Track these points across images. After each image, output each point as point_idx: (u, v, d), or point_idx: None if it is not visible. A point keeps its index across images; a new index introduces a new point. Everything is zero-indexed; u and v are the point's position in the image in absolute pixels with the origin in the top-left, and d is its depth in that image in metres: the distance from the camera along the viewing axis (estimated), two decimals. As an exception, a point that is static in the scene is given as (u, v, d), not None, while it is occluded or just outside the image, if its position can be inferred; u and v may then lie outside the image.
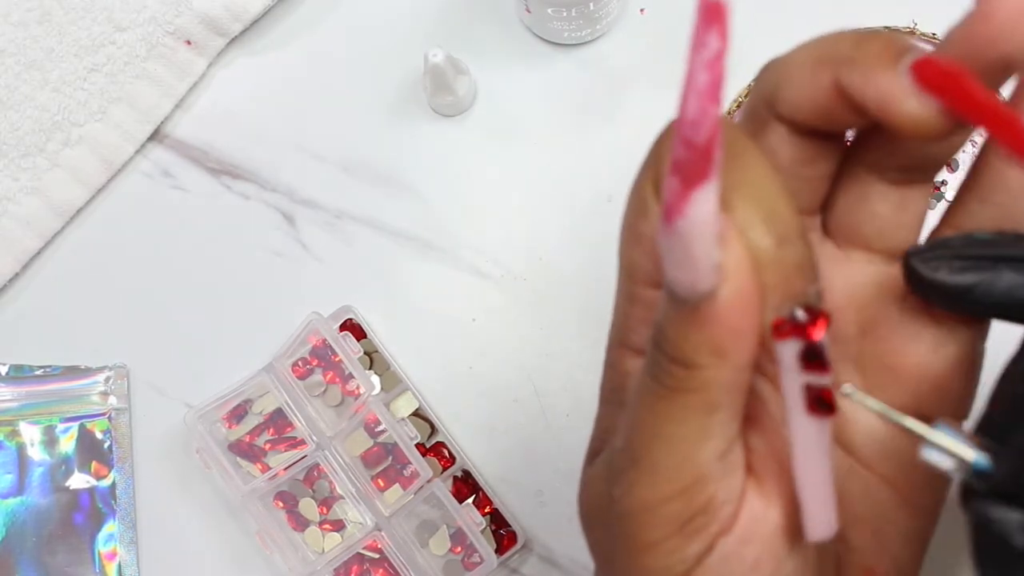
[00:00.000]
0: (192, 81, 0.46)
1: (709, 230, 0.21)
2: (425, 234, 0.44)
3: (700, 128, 0.20)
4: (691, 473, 0.24)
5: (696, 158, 0.21)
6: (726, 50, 0.20)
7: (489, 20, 0.46)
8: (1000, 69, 0.22)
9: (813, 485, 0.24)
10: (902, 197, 0.25)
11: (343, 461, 0.41)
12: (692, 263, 0.21)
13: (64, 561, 0.42)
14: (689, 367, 0.23)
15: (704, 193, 0.21)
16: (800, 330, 0.22)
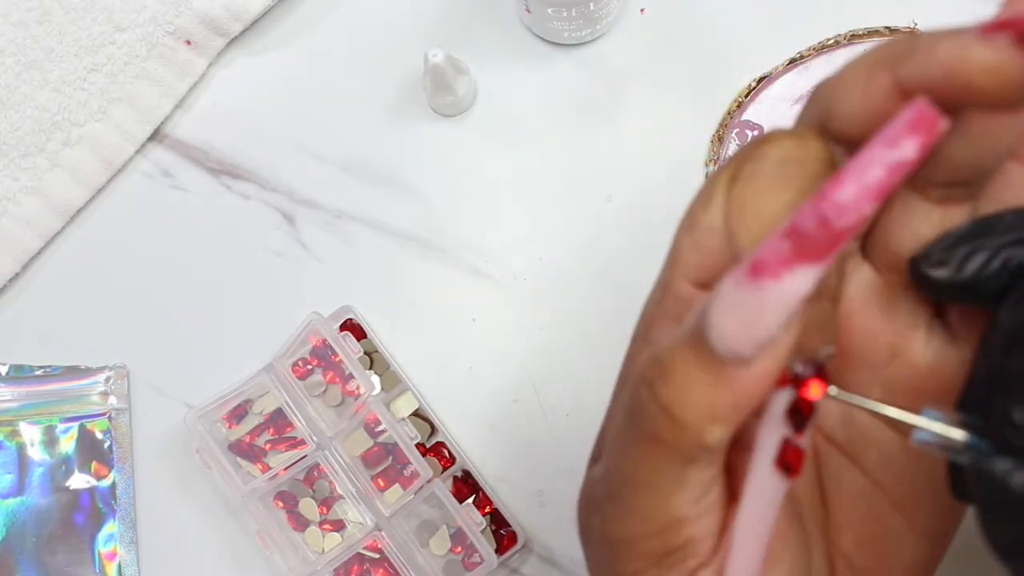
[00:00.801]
0: (192, 81, 0.46)
1: (792, 306, 0.20)
2: (425, 234, 0.44)
3: (845, 216, 0.19)
4: (667, 517, 0.23)
5: (824, 238, 0.20)
6: (915, 164, 0.19)
7: (489, 20, 0.46)
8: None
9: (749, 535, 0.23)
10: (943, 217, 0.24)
11: (343, 461, 0.41)
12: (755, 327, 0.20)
13: (64, 561, 0.42)
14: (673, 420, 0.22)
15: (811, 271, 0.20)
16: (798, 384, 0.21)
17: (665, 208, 0.27)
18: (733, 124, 0.44)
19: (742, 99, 0.44)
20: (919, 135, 0.19)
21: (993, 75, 0.20)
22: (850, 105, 0.22)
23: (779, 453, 0.22)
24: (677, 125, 0.44)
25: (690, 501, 0.23)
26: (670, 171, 0.44)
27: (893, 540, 0.26)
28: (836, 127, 0.23)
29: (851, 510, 0.27)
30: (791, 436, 0.22)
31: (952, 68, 0.20)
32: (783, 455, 0.22)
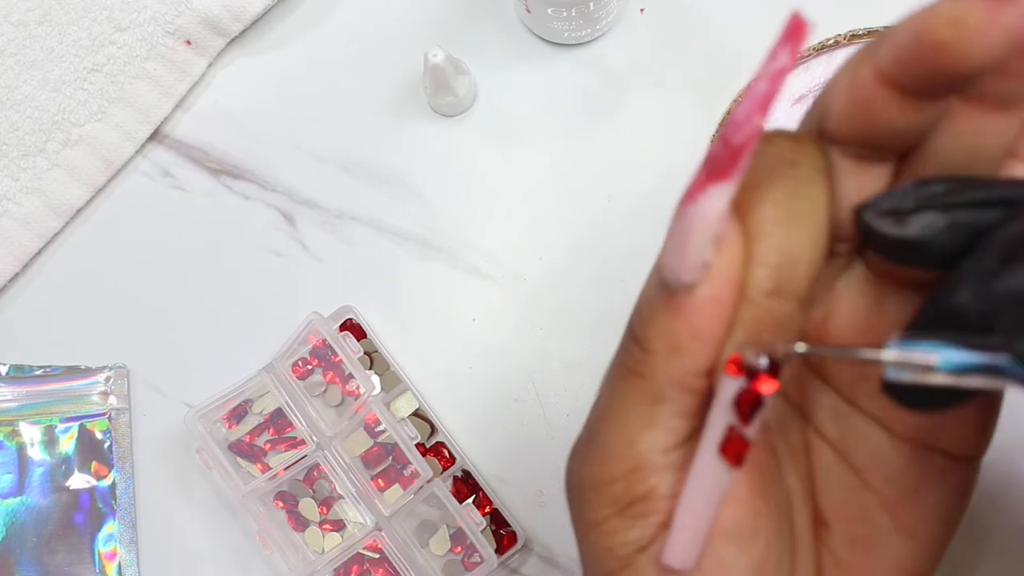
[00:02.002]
0: (192, 81, 0.46)
1: (710, 227, 0.22)
2: (425, 234, 0.44)
3: (740, 131, 0.21)
4: (633, 457, 0.24)
5: (726, 156, 0.21)
6: (791, 69, 0.20)
7: (489, 20, 0.46)
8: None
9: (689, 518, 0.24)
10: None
11: (343, 461, 0.41)
12: (684, 251, 0.22)
13: (64, 561, 0.42)
14: (645, 351, 0.23)
15: (719, 190, 0.21)
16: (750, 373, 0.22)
17: (665, 208, 0.27)
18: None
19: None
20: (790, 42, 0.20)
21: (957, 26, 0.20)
22: (839, 103, 0.23)
23: (723, 440, 0.23)
24: (677, 125, 0.44)
25: (657, 446, 0.24)
26: (670, 171, 0.44)
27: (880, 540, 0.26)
28: (830, 127, 0.23)
29: (840, 507, 0.27)
30: (737, 425, 0.22)
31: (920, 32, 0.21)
32: (727, 442, 0.23)
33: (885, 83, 0.22)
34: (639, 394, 0.24)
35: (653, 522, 0.24)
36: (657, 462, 0.24)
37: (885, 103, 0.22)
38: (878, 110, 0.22)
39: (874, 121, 0.23)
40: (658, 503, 0.24)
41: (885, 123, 0.23)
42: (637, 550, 0.24)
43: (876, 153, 0.24)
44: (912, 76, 0.21)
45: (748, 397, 0.22)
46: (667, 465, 0.24)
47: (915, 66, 0.21)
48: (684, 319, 0.23)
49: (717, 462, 0.23)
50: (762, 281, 0.22)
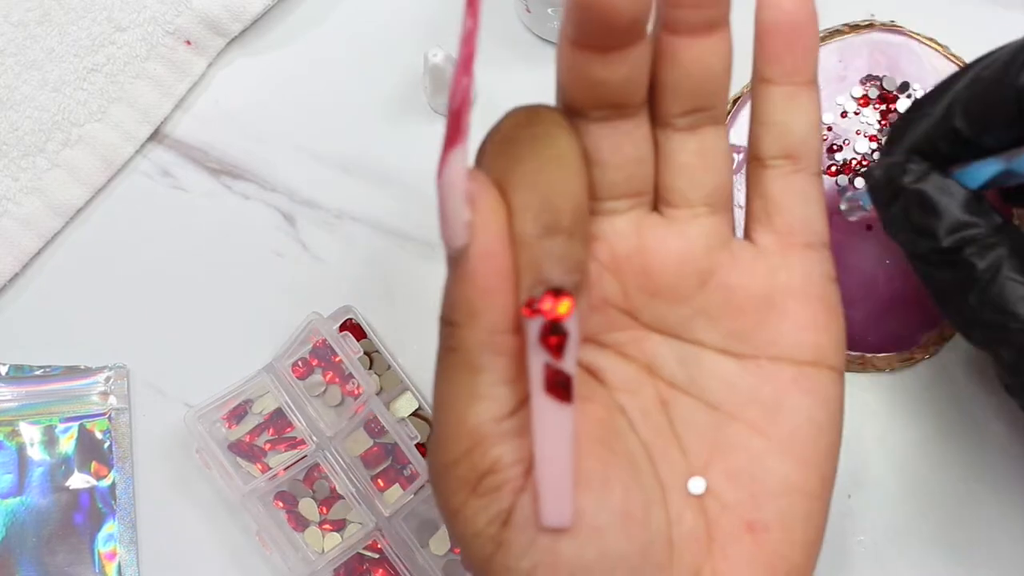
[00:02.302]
0: (192, 81, 0.46)
1: (459, 188, 0.23)
2: (425, 234, 0.45)
3: (455, 97, 0.23)
4: (467, 433, 0.25)
5: (451, 123, 0.23)
6: (475, 30, 0.23)
7: (489, 20, 0.46)
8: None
9: (550, 470, 0.24)
10: (700, 143, 0.27)
11: (343, 461, 0.41)
12: (445, 217, 0.24)
13: (64, 561, 0.42)
14: (451, 324, 0.25)
15: (454, 155, 0.23)
16: (541, 309, 0.23)
17: (666, 208, 0.28)
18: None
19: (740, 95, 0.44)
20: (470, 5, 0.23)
21: None
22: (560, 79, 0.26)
23: (545, 380, 0.23)
24: (677, 125, 0.44)
25: (487, 416, 0.25)
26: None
27: (758, 464, 0.27)
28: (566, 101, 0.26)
29: (710, 447, 0.28)
30: (551, 362, 0.23)
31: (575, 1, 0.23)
32: (548, 381, 0.23)
33: (579, 47, 0.24)
34: (458, 368, 0.25)
35: (507, 491, 0.25)
36: (493, 432, 0.25)
37: (588, 64, 0.24)
38: (585, 72, 0.25)
39: (588, 82, 0.25)
40: (506, 472, 0.25)
41: (597, 81, 0.25)
42: (501, 526, 0.25)
43: (617, 111, 0.26)
44: (590, 35, 0.24)
45: (548, 328, 0.23)
46: (504, 433, 0.25)
47: (585, 27, 0.24)
48: (468, 280, 0.24)
49: (549, 403, 0.23)
50: (529, 225, 0.24)
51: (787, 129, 0.27)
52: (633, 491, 0.26)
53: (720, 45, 0.26)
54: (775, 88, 0.27)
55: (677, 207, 0.27)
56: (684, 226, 0.27)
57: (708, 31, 0.25)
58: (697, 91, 0.26)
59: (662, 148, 0.27)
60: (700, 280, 0.27)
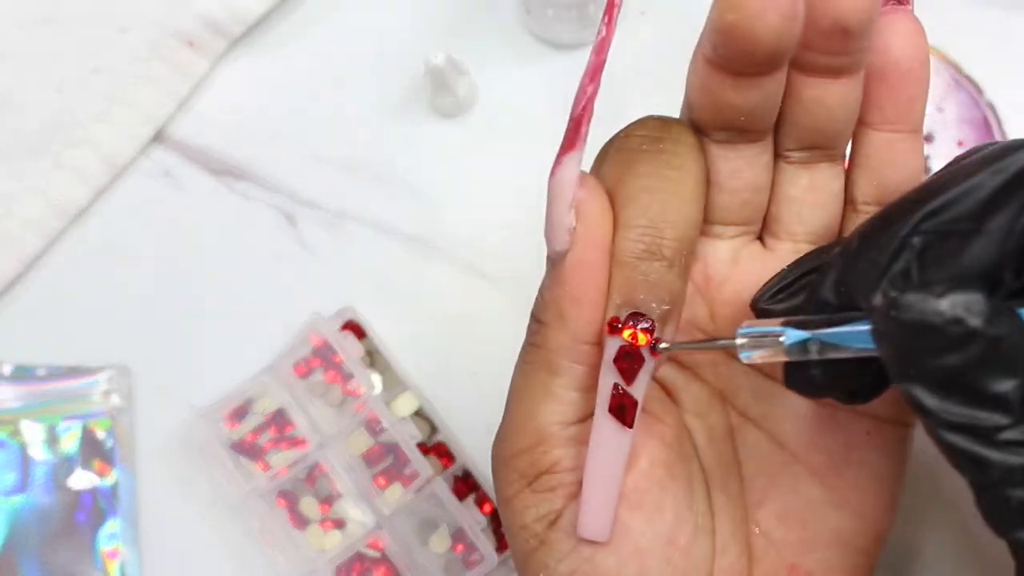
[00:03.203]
0: (194, 82, 0.46)
1: (567, 194, 0.24)
2: (426, 234, 0.45)
3: (578, 103, 0.23)
4: (535, 430, 0.25)
5: (571, 128, 0.24)
6: (610, 38, 0.23)
7: (489, 21, 0.46)
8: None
9: (597, 484, 0.25)
10: (811, 178, 0.27)
11: (344, 460, 0.42)
12: (549, 220, 0.24)
13: (66, 560, 0.42)
14: (540, 322, 0.25)
15: (569, 159, 0.24)
16: (622, 331, 0.24)
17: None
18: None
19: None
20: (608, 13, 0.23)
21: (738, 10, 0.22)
22: (691, 93, 0.25)
23: (611, 400, 0.24)
24: (676, 126, 0.45)
25: (556, 418, 0.25)
26: (670, 172, 0.44)
27: (813, 511, 0.27)
28: (693, 118, 0.26)
29: (769, 484, 0.27)
30: (621, 383, 0.24)
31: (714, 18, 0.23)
32: (613, 401, 0.24)
33: (715, 68, 0.24)
34: (538, 366, 0.25)
35: (560, 495, 0.25)
36: (558, 435, 0.25)
37: (721, 86, 0.24)
38: (717, 93, 0.24)
39: (718, 103, 0.25)
40: (563, 476, 0.25)
41: (727, 104, 0.24)
42: (548, 525, 0.25)
43: (742, 136, 0.25)
44: (726, 59, 0.23)
45: (624, 352, 0.24)
46: (568, 438, 0.25)
47: (722, 49, 0.23)
48: (561, 285, 0.24)
49: (610, 423, 0.24)
50: (631, 244, 0.24)
51: (883, 175, 0.26)
52: (684, 518, 0.26)
53: (846, 90, 0.25)
54: (875, 133, 0.26)
55: (780, 239, 0.27)
56: (783, 262, 0.27)
57: (835, 75, 0.25)
58: (815, 130, 0.26)
59: (775, 178, 0.27)
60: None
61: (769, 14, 0.22)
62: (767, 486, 0.27)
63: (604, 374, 0.24)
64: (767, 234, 0.27)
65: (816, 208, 0.27)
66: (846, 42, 0.24)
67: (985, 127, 0.42)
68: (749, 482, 0.28)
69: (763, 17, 0.22)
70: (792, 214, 0.27)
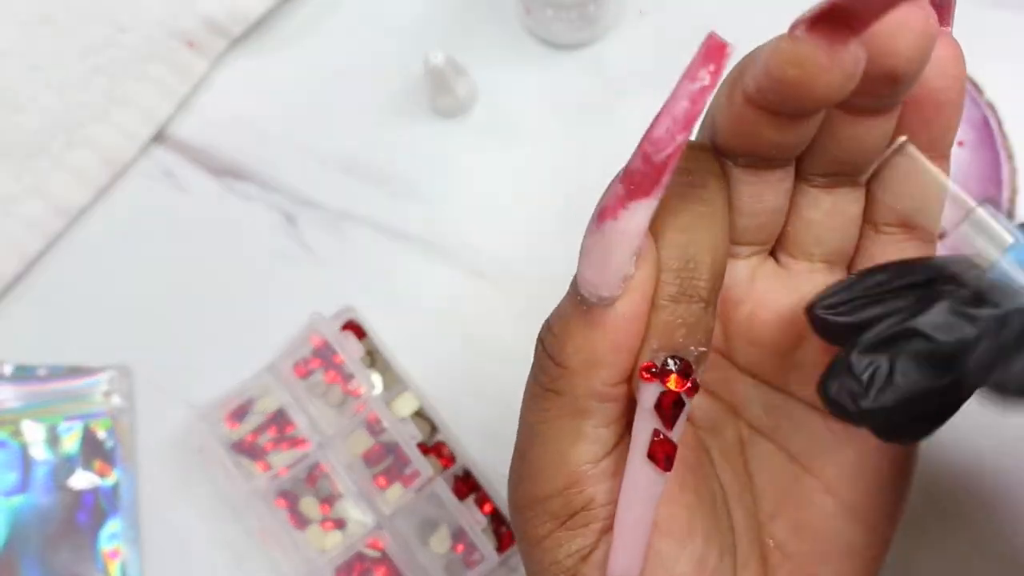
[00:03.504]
0: (194, 82, 0.46)
1: (633, 242, 0.22)
2: (426, 234, 0.45)
3: (662, 149, 0.21)
4: (567, 473, 0.24)
5: (649, 173, 0.22)
6: (713, 89, 0.21)
7: (489, 21, 0.46)
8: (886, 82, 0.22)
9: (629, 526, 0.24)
10: (833, 202, 0.26)
11: (344, 460, 0.42)
12: (606, 267, 0.23)
13: (67, 559, 0.42)
14: (562, 367, 0.24)
15: (643, 207, 0.22)
16: (664, 378, 0.23)
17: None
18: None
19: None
20: (712, 63, 0.21)
21: (800, 66, 0.21)
22: (721, 121, 0.24)
23: (650, 445, 0.23)
24: (676, 126, 0.45)
25: (588, 458, 0.24)
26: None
27: (826, 524, 0.27)
28: (718, 142, 0.25)
29: (782, 496, 0.27)
30: (661, 428, 0.23)
31: (769, 67, 0.22)
32: (653, 447, 0.23)
33: (755, 105, 0.23)
34: (562, 410, 0.24)
35: (594, 529, 0.25)
36: (590, 473, 0.24)
37: (758, 122, 0.23)
38: (754, 128, 0.23)
39: (753, 137, 0.24)
40: (597, 511, 0.25)
41: (764, 139, 0.24)
42: (580, 560, 0.25)
43: (767, 162, 0.25)
44: (772, 103, 0.22)
45: (668, 400, 0.23)
46: (600, 474, 0.25)
47: (772, 96, 0.22)
48: (604, 333, 0.23)
49: (647, 468, 0.23)
50: (668, 287, 0.23)
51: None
52: (713, 538, 0.26)
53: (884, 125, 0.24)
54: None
55: (796, 259, 0.27)
56: (799, 281, 0.26)
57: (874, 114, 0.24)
58: (846, 160, 0.25)
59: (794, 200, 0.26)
60: (803, 337, 0.27)
61: (833, 73, 0.21)
62: (780, 499, 0.27)
63: (641, 421, 0.23)
64: (782, 252, 0.27)
65: (836, 232, 0.26)
66: (895, 88, 0.23)
67: (985, 127, 0.42)
68: (762, 495, 0.28)
69: (826, 75, 0.21)
70: (811, 236, 0.26)
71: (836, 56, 0.21)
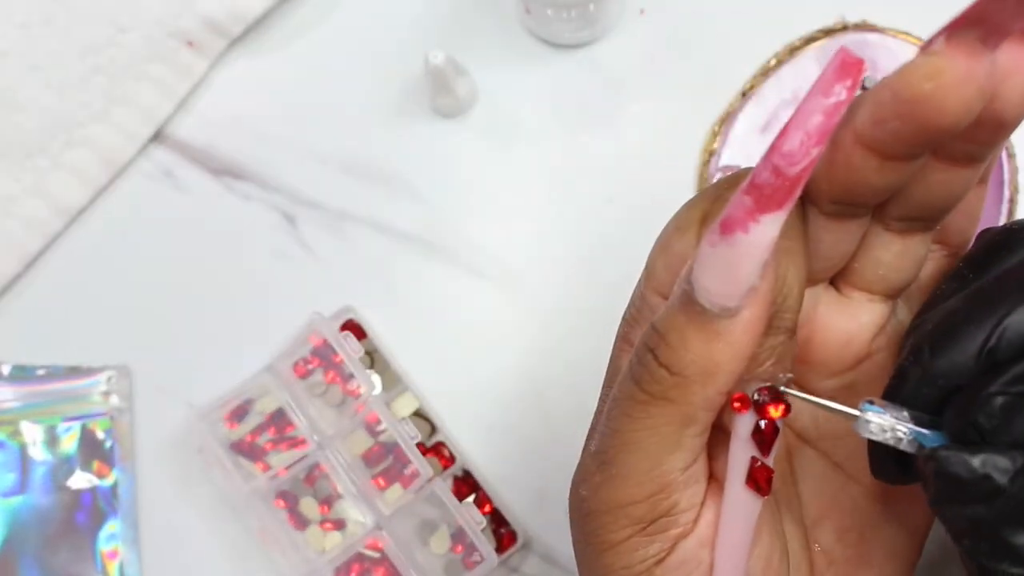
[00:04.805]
0: (194, 82, 0.46)
1: (763, 254, 0.22)
2: (426, 234, 0.45)
3: (796, 163, 0.21)
4: (658, 480, 0.24)
5: (781, 186, 0.21)
6: (847, 104, 0.21)
7: (489, 21, 0.46)
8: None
9: (729, 550, 0.25)
10: (904, 246, 0.26)
11: (344, 460, 0.42)
12: (734, 278, 0.22)
13: (66, 560, 0.42)
14: (677, 375, 0.24)
15: (774, 219, 0.22)
16: (760, 408, 0.23)
17: (665, 209, 0.28)
18: (728, 121, 0.44)
19: (747, 88, 0.44)
20: (847, 78, 0.20)
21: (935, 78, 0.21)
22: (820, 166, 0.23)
23: (749, 472, 0.24)
24: (677, 126, 0.45)
25: (681, 466, 0.24)
26: (670, 172, 0.44)
27: (871, 528, 0.27)
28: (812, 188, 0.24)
29: (828, 503, 0.28)
30: (758, 456, 0.24)
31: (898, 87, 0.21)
32: (752, 474, 0.24)
33: (864, 146, 0.23)
34: (667, 418, 0.24)
35: (672, 535, 0.25)
36: (679, 480, 0.25)
37: (865, 166, 0.23)
38: (859, 174, 0.23)
39: (856, 183, 0.24)
40: (678, 517, 0.25)
41: (866, 184, 0.23)
42: (655, 563, 0.25)
43: (852, 210, 0.25)
44: (890, 135, 0.22)
45: (768, 429, 0.23)
46: (686, 480, 0.25)
47: (894, 123, 0.22)
48: (728, 344, 0.23)
49: (747, 494, 0.24)
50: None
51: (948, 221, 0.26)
52: (774, 539, 0.26)
53: (971, 175, 0.24)
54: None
55: (857, 289, 0.27)
56: (858, 309, 0.27)
57: (968, 163, 0.24)
58: (928, 207, 0.25)
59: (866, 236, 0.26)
60: (856, 360, 0.27)
61: (968, 87, 0.21)
62: (826, 505, 0.28)
63: (738, 449, 0.24)
64: (843, 282, 0.27)
65: (902, 272, 0.27)
66: (996, 135, 0.23)
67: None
68: (808, 501, 0.28)
69: (961, 89, 0.21)
70: (878, 275, 0.27)
71: (972, 67, 0.21)
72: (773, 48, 0.44)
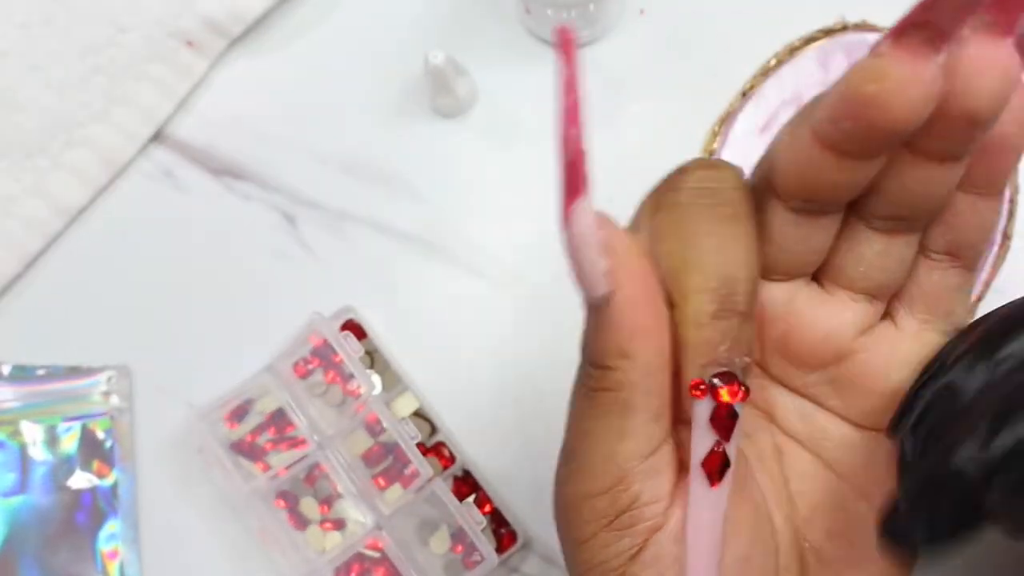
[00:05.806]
0: (194, 82, 0.46)
1: (591, 239, 0.23)
2: (426, 234, 0.45)
3: (566, 148, 0.22)
4: (613, 471, 0.25)
5: (569, 174, 0.23)
6: (575, 78, 0.22)
7: (489, 21, 0.46)
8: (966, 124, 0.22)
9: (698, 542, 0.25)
10: (888, 245, 0.26)
11: (344, 460, 0.42)
12: (581, 269, 0.24)
13: (66, 560, 0.42)
14: (601, 368, 0.25)
15: (580, 206, 0.23)
16: (714, 393, 0.24)
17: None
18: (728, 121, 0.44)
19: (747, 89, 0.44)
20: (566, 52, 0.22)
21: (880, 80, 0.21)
22: (782, 163, 0.24)
23: (707, 459, 0.24)
24: (677, 126, 0.44)
25: (635, 454, 0.25)
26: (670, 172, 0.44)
27: (861, 528, 0.27)
28: (777, 183, 0.25)
29: (817, 502, 0.28)
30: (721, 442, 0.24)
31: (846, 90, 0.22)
32: (710, 460, 0.24)
33: (823, 145, 0.23)
34: (608, 408, 0.25)
35: (642, 529, 0.25)
36: (637, 470, 0.25)
37: (824, 164, 0.23)
38: (818, 170, 0.23)
39: (816, 180, 0.24)
40: (643, 511, 0.25)
41: (826, 181, 0.24)
42: (628, 559, 0.25)
43: (822, 207, 0.25)
44: (845, 135, 0.22)
45: (723, 412, 0.24)
46: (646, 471, 0.25)
47: (846, 124, 0.22)
48: (617, 328, 0.24)
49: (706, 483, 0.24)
50: (706, 306, 0.24)
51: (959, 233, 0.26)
52: (757, 538, 0.26)
53: (950, 175, 0.24)
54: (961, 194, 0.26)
55: (840, 286, 0.27)
56: (840, 307, 0.27)
57: (942, 160, 0.24)
58: (908, 206, 0.25)
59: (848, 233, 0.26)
60: (837, 357, 0.27)
61: (913, 88, 0.21)
62: (815, 504, 0.28)
63: (699, 437, 0.24)
64: (827, 278, 0.27)
65: (885, 272, 0.26)
66: (971, 131, 0.23)
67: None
68: (797, 500, 0.28)
69: (905, 90, 0.21)
70: (860, 272, 0.27)
71: (917, 69, 0.21)
72: (773, 48, 0.44)
